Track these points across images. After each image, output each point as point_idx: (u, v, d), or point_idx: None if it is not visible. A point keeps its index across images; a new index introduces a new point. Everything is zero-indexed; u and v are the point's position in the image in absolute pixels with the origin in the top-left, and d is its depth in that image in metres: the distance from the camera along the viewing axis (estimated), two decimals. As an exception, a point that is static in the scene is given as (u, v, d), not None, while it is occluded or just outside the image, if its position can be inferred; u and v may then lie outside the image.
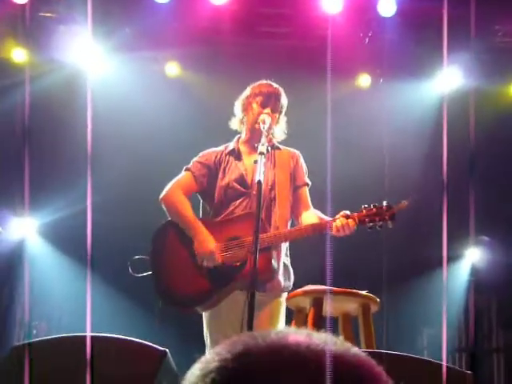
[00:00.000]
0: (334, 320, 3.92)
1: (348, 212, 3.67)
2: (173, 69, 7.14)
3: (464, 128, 4.78)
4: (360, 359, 0.86)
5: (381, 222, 3.64)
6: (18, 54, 6.78)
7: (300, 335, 0.87)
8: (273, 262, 3.70)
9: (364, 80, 7.21)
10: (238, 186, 3.97)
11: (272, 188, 3.96)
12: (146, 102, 7.02)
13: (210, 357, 0.86)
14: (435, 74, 6.99)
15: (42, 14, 6.56)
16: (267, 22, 6.79)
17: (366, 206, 3.67)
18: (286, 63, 6.79)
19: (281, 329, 0.90)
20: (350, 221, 3.62)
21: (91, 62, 6.74)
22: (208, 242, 3.78)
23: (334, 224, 3.63)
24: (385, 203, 3.66)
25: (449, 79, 6.90)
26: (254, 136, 3.97)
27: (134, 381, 2.33)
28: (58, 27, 6.58)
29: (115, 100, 6.87)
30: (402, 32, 6.69)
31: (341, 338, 0.90)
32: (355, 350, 0.88)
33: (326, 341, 0.87)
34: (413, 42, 6.81)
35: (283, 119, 4.15)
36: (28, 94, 5.23)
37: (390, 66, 7.06)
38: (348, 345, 0.89)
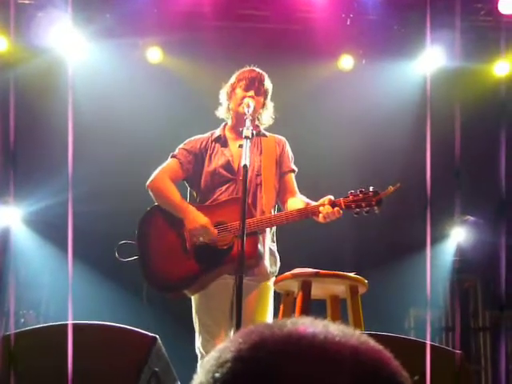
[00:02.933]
0: (323, 302, 3.93)
1: (332, 197, 3.67)
2: (155, 54, 7.08)
3: (448, 107, 4.79)
4: (378, 352, 0.86)
5: (367, 208, 3.64)
6: (-2, 42, 6.70)
7: (317, 326, 0.87)
8: (259, 246, 3.71)
9: (346, 61, 7.18)
10: (225, 172, 3.98)
11: (258, 174, 3.98)
12: (128, 88, 6.98)
13: (225, 346, 0.86)
14: (418, 54, 6.99)
15: (21, 1, 6.48)
16: (248, 5, 6.76)
17: (353, 191, 3.67)
18: (268, 46, 6.77)
19: (297, 319, 0.89)
20: (336, 209, 3.61)
21: (72, 49, 6.68)
22: (199, 218, 3.79)
23: (320, 212, 3.63)
24: (371, 189, 3.65)
25: (432, 59, 6.89)
26: (239, 122, 3.96)
27: (124, 368, 2.32)
28: (37, 13, 6.50)
29: (97, 87, 6.82)
30: (383, 12, 6.68)
31: (358, 330, 0.90)
32: (372, 342, 0.88)
33: (343, 332, 0.86)
34: (395, 22, 6.80)
35: (270, 104, 4.15)
36: (12, 82, 5.18)
37: (372, 46, 7.05)
38: (365, 337, 0.88)
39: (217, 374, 0.82)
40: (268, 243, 3.94)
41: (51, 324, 2.66)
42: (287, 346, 0.82)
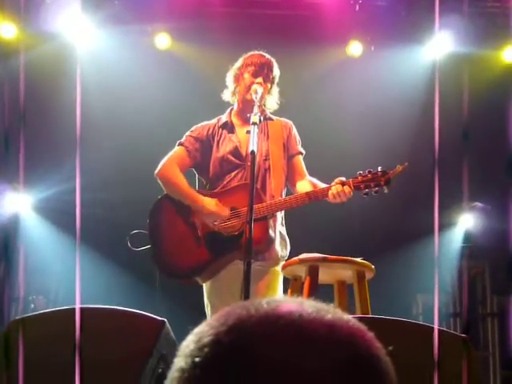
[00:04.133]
0: (330, 287, 3.94)
1: (343, 178, 3.68)
2: (163, 40, 7.08)
3: (457, 94, 4.76)
4: (352, 326, 0.87)
5: (376, 188, 3.65)
6: (6, 29, 6.71)
7: (292, 304, 0.87)
8: (269, 231, 3.72)
9: (355, 48, 7.17)
10: (233, 158, 3.99)
11: (266, 159, 3.99)
12: (136, 74, 6.99)
13: (204, 329, 0.86)
14: (427, 40, 6.96)
15: (30, -13, 6.49)
16: (257, -9, 6.75)
17: (361, 172, 3.68)
18: (276, 32, 6.75)
19: (272, 298, 0.90)
20: (345, 187, 3.63)
21: (80, 35, 6.68)
22: (209, 203, 3.82)
23: (329, 191, 3.65)
24: (380, 168, 3.66)
25: (440, 45, 6.87)
26: (246, 107, 3.96)
27: (133, 351, 2.34)
28: (45, 0, 6.51)
29: (105, 73, 6.83)
30: (392, -2, 6.66)
31: (332, 305, 0.91)
32: (347, 316, 0.89)
33: (318, 309, 0.87)
34: (404, 8, 6.77)
35: (276, 89, 4.15)
36: (21, 69, 5.18)
37: (381, 32, 7.03)
38: (339, 311, 0.89)
39: (197, 359, 0.83)
40: (278, 227, 3.95)
41: (59, 308, 2.68)
42: (264, 328, 0.82)
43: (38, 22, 6.49)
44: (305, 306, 0.87)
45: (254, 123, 3.42)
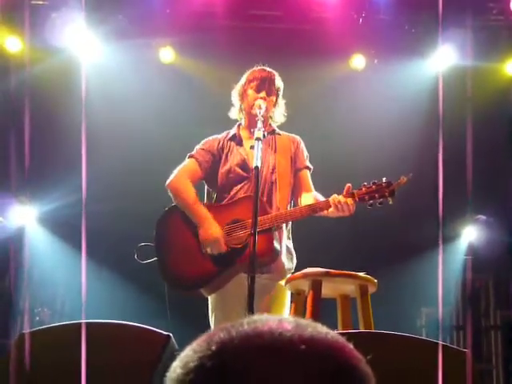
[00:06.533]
0: (333, 301, 3.95)
1: (349, 185, 3.70)
2: (167, 54, 7.13)
3: (460, 107, 4.80)
4: (331, 339, 0.89)
5: (381, 199, 3.63)
6: (12, 43, 6.77)
7: (272, 322, 0.90)
8: (275, 242, 3.74)
9: (358, 61, 7.21)
10: (240, 171, 4.02)
11: (273, 172, 4.01)
12: (141, 88, 7.03)
13: (189, 354, 0.89)
14: (430, 53, 6.99)
15: (35, 2, 6.55)
16: (260, 5, 6.78)
17: (366, 183, 3.69)
18: (279, 46, 6.79)
19: (254, 317, 0.92)
20: (348, 199, 3.63)
21: (85, 49, 6.74)
22: (213, 230, 3.81)
23: (332, 202, 3.65)
24: (384, 180, 3.67)
25: (443, 58, 6.90)
26: (252, 122, 3.98)
27: (138, 366, 2.36)
28: (51, 14, 6.56)
29: (110, 86, 6.87)
30: (395, 12, 6.69)
31: (309, 319, 0.94)
32: (326, 330, 0.91)
33: (297, 325, 0.90)
34: (407, 22, 6.80)
35: (282, 101, 4.18)
36: (27, 83, 5.24)
37: (384, 46, 7.06)
38: (319, 326, 0.92)
39: None
40: (285, 240, 3.97)
41: (66, 323, 2.70)
42: (246, 350, 0.86)
43: (44, 36, 6.55)
44: (284, 323, 0.90)
45: (258, 138, 3.44)
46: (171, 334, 2.42)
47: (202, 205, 3.97)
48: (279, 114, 4.20)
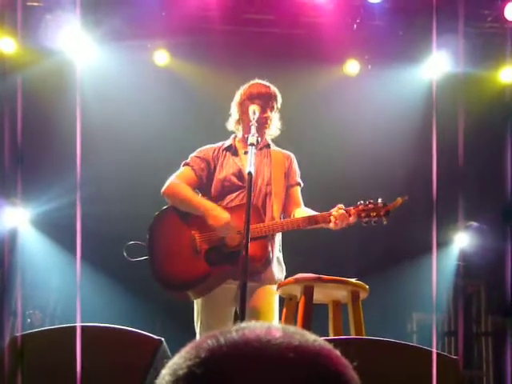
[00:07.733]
0: (325, 307, 3.96)
1: (342, 205, 3.76)
2: (162, 57, 7.13)
3: (454, 113, 4.81)
4: (318, 346, 0.90)
5: (376, 218, 3.75)
6: (6, 44, 6.75)
7: (260, 330, 0.90)
8: (269, 249, 3.78)
9: (352, 66, 7.22)
10: (235, 180, 4.05)
11: (268, 183, 4.07)
12: (136, 90, 7.03)
13: (178, 362, 0.90)
14: (424, 59, 7.01)
15: (30, 3, 6.54)
16: (255, 10, 6.78)
17: (362, 202, 3.76)
18: (274, 51, 6.81)
19: (242, 325, 0.93)
20: (351, 217, 3.72)
21: (80, 51, 6.73)
22: (222, 214, 3.84)
23: (331, 216, 3.72)
24: (380, 200, 3.76)
25: (437, 65, 6.92)
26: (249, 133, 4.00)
27: (129, 370, 2.35)
28: (46, 15, 6.55)
29: (105, 89, 6.87)
30: (390, 18, 6.70)
31: (300, 325, 0.95)
32: (313, 337, 0.92)
33: (285, 332, 0.90)
34: (401, 28, 6.82)
35: (276, 116, 4.21)
36: (20, 84, 5.22)
37: (378, 52, 7.08)
38: (306, 333, 0.92)
39: None
40: (276, 252, 4.01)
41: (58, 326, 2.69)
42: (234, 358, 0.86)
43: (38, 38, 6.54)
44: (272, 330, 0.90)
45: (252, 144, 3.45)
46: (163, 339, 2.41)
47: (203, 197, 4.02)
48: (274, 128, 4.24)
